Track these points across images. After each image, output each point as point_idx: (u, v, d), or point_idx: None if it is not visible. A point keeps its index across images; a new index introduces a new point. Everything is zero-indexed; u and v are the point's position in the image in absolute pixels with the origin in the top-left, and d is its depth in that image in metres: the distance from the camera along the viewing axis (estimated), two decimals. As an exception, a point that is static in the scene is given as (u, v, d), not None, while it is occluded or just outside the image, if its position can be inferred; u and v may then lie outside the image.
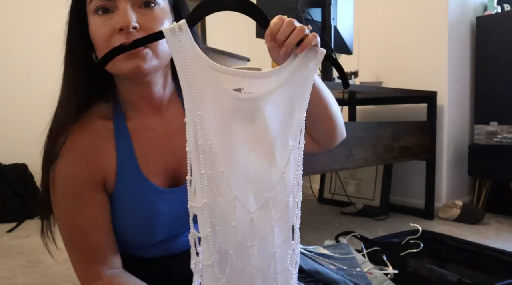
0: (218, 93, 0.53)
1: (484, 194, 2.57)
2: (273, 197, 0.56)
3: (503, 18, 2.53)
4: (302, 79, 0.58)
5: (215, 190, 0.54)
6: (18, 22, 2.70)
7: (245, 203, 0.55)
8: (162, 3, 0.67)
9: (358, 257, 1.38)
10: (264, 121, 0.55)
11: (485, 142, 2.49)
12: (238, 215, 0.55)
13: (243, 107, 0.54)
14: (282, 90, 0.56)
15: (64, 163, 0.67)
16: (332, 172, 2.79)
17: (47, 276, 1.53)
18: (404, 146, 2.20)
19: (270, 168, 0.56)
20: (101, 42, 0.64)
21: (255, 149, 0.55)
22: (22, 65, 2.70)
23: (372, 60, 2.79)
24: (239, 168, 0.55)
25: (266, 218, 0.56)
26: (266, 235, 0.57)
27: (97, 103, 0.73)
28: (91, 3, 0.64)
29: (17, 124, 2.65)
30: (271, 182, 0.56)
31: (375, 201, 2.55)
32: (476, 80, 2.66)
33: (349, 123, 2.51)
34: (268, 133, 0.56)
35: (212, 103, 0.53)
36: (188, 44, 0.52)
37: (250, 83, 0.55)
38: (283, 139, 0.57)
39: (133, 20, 0.62)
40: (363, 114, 2.94)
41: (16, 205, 2.46)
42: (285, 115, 0.57)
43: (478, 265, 1.54)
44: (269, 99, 0.55)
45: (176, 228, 0.76)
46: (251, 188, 0.55)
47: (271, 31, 0.59)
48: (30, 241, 1.98)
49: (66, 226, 0.69)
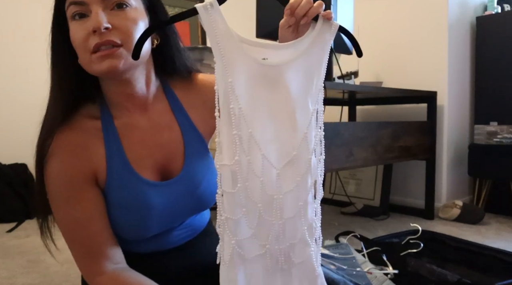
0: (246, 61, 0.59)
1: (484, 194, 2.57)
2: (297, 155, 0.62)
3: (503, 18, 2.53)
4: (320, 49, 0.64)
5: (245, 149, 0.59)
6: (18, 22, 2.70)
7: (271, 160, 0.61)
8: (135, 3, 0.71)
9: (358, 257, 1.38)
10: (287, 86, 0.61)
11: (485, 142, 2.49)
12: (265, 171, 0.60)
13: (268, 73, 0.60)
14: (302, 58, 0.62)
15: (54, 162, 0.70)
16: (332, 172, 2.79)
17: (47, 276, 1.53)
18: (404, 146, 2.20)
19: (293, 129, 0.62)
20: (78, 44, 0.68)
21: (279, 112, 0.61)
22: (22, 65, 2.70)
23: (372, 60, 2.79)
24: (266, 129, 0.61)
25: (291, 174, 0.62)
26: (292, 189, 0.62)
27: (85, 104, 0.76)
28: (68, 10, 0.68)
29: (17, 124, 2.65)
30: (295, 141, 0.62)
31: (375, 201, 2.55)
32: (476, 80, 2.66)
33: (349, 123, 2.52)
34: (290, 97, 0.62)
35: (241, 71, 0.59)
36: (219, 18, 0.58)
37: (274, 53, 0.61)
38: (304, 103, 0.63)
39: (104, 21, 0.65)
40: (363, 114, 2.94)
41: (16, 205, 2.46)
42: (305, 81, 0.63)
43: (478, 265, 1.54)
44: (291, 67, 0.61)
45: (170, 222, 0.77)
46: (277, 147, 0.61)
47: (291, 6, 0.63)
48: (30, 241, 1.99)
49: (64, 223, 0.71)
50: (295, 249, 0.64)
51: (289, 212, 0.62)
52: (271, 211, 0.61)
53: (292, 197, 0.62)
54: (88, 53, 0.67)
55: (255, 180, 0.60)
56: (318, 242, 0.67)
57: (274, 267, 0.63)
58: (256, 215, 0.61)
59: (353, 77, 2.36)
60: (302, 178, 0.62)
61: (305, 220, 0.64)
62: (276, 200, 0.61)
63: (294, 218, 0.63)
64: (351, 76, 2.35)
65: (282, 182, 0.61)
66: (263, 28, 1.92)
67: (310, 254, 0.64)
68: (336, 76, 2.07)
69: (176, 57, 0.80)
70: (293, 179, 0.62)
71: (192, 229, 0.84)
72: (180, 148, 0.78)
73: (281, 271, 0.64)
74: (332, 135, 1.76)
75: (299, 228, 0.63)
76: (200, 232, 0.86)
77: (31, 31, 2.72)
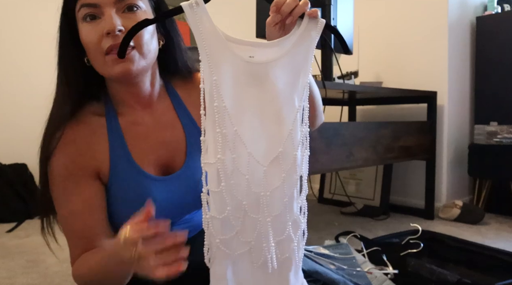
0: (232, 59, 0.60)
1: (484, 194, 2.57)
2: (283, 152, 0.62)
3: (503, 18, 2.53)
4: (306, 47, 0.64)
5: (230, 147, 0.59)
6: (19, 22, 2.70)
7: (258, 158, 0.61)
8: (144, 6, 0.73)
9: (358, 257, 1.38)
10: (273, 83, 0.62)
11: (485, 142, 2.49)
12: (251, 169, 0.61)
13: (254, 71, 0.61)
14: (288, 56, 0.63)
15: (58, 157, 0.71)
16: (332, 172, 2.79)
17: (47, 276, 1.53)
18: (404, 146, 2.20)
19: (279, 126, 0.62)
20: (91, 46, 0.70)
21: (266, 109, 0.62)
22: (22, 65, 2.70)
23: (372, 60, 2.79)
24: (252, 127, 0.61)
25: (277, 171, 0.62)
26: (278, 186, 0.62)
27: (90, 101, 0.78)
28: (79, 12, 0.70)
29: (17, 124, 2.65)
30: (281, 138, 0.62)
31: (375, 201, 2.55)
32: (476, 80, 2.66)
33: (349, 123, 2.52)
34: (277, 94, 0.62)
35: (227, 69, 0.59)
36: (204, 17, 0.59)
37: (260, 51, 0.61)
38: (290, 100, 0.63)
39: (118, 24, 0.67)
40: (363, 114, 2.94)
41: (16, 205, 2.46)
42: (291, 78, 0.63)
43: (478, 265, 1.54)
44: (277, 64, 0.62)
45: (170, 217, 0.78)
46: (263, 145, 0.61)
47: (277, 3, 0.64)
48: (30, 241, 1.98)
49: (60, 214, 0.73)
50: (280, 245, 0.64)
51: (276, 209, 0.63)
52: (257, 208, 0.62)
53: (278, 194, 0.63)
54: (101, 55, 0.69)
55: (240, 178, 0.60)
56: (303, 238, 0.67)
57: (262, 262, 0.64)
58: (241, 213, 0.61)
59: (353, 77, 2.36)
60: (287, 174, 0.63)
61: (290, 216, 0.64)
62: (263, 198, 0.61)
63: (280, 215, 0.63)
64: (351, 76, 2.35)
65: (269, 179, 0.61)
66: (263, 28, 1.92)
67: (293, 248, 0.65)
68: (336, 76, 2.07)
69: (178, 57, 0.82)
70: (279, 175, 0.62)
71: (192, 225, 0.85)
72: (182, 145, 0.80)
73: (269, 265, 0.64)
74: (332, 135, 1.76)
75: (285, 225, 0.64)
76: (200, 229, 0.87)
77: (32, 32, 2.72)
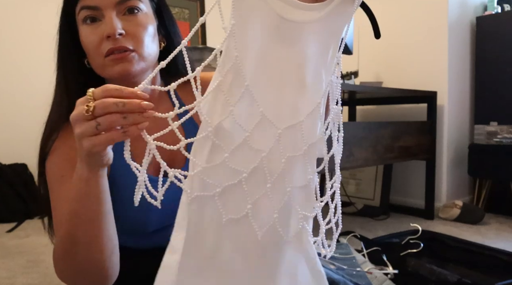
0: (265, 13, 0.55)
1: (484, 194, 2.57)
2: (304, 122, 0.58)
3: (503, 18, 2.53)
4: (340, 20, 0.61)
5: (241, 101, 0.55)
6: (18, 22, 2.70)
7: (272, 119, 0.56)
8: (145, 8, 0.72)
9: (358, 257, 1.38)
10: (302, 48, 0.58)
11: (485, 142, 2.49)
12: (262, 129, 0.56)
13: (286, 29, 0.56)
14: (322, 23, 0.59)
15: (53, 157, 0.71)
16: (332, 172, 2.79)
17: (47, 276, 1.53)
18: (404, 146, 2.20)
19: (301, 94, 0.58)
20: (91, 49, 0.69)
21: (289, 77, 0.57)
22: (22, 65, 2.70)
23: (372, 60, 2.79)
24: (268, 85, 0.56)
25: (291, 139, 0.58)
26: (293, 155, 0.58)
27: None
28: (80, 14, 0.69)
29: (17, 124, 2.65)
30: (302, 109, 0.58)
31: (375, 201, 2.55)
32: (476, 80, 2.66)
33: (349, 123, 2.52)
34: (304, 61, 0.58)
35: (256, 20, 0.55)
36: None
37: (295, 11, 0.58)
38: (316, 69, 0.60)
39: (118, 28, 0.67)
40: (363, 114, 2.94)
41: (16, 205, 2.46)
42: (321, 49, 0.60)
43: (478, 265, 1.54)
44: (310, 27, 0.58)
45: (170, 218, 0.78)
46: (279, 109, 0.57)
47: None
48: (30, 241, 1.98)
49: (54, 205, 0.71)
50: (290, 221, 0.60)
51: (298, 181, 0.60)
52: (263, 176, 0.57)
53: (292, 164, 0.59)
54: (101, 57, 0.69)
55: (240, 135, 0.56)
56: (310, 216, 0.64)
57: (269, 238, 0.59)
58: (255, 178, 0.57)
59: (353, 77, 2.36)
60: (308, 146, 0.60)
61: (305, 192, 0.62)
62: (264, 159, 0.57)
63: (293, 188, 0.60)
64: (351, 76, 2.35)
65: (283, 144, 0.58)
66: None
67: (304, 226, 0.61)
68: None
69: (179, 59, 0.82)
70: (294, 145, 0.59)
71: None
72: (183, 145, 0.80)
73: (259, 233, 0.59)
74: (332, 135, 1.75)
75: (296, 198, 0.61)
76: None
77: (32, 32, 2.73)
